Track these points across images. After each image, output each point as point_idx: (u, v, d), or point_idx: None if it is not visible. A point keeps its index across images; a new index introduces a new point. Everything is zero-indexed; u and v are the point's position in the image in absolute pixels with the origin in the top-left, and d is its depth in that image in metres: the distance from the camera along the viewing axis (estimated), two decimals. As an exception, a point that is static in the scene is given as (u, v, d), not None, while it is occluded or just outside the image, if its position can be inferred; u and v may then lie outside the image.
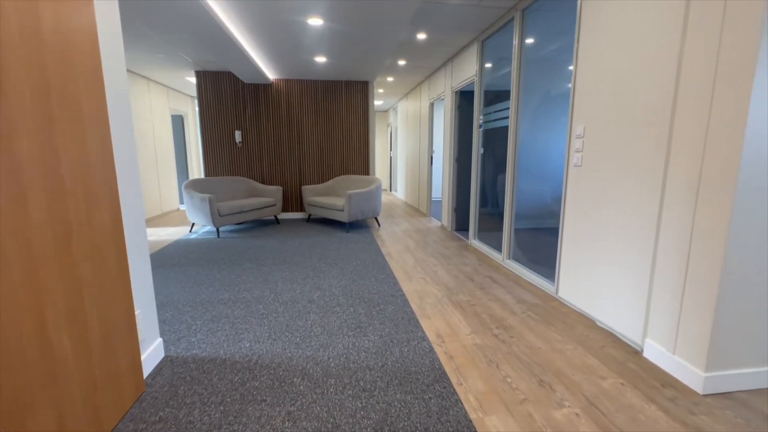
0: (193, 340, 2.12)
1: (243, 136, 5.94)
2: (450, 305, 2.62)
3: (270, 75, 5.61)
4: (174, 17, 3.07)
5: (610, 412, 1.54)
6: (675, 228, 1.78)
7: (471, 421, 1.47)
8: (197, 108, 5.83)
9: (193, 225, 5.31)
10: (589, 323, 2.34)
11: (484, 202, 4.32)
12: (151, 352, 1.83)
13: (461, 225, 5.20)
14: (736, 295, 1.60)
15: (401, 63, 5.24)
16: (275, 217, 5.86)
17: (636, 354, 1.98)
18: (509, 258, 3.53)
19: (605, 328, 2.26)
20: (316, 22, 3.41)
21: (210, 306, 2.60)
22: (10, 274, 0.99)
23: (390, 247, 4.27)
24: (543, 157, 3.45)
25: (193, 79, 6.23)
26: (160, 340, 1.93)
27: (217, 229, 4.88)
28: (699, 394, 1.65)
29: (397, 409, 1.54)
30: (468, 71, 4.41)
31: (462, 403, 1.58)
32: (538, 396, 1.64)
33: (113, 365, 1.44)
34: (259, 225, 5.62)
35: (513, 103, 3.33)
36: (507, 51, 3.52)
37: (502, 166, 3.78)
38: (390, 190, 10.99)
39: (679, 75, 1.74)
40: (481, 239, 4.26)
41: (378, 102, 9.16)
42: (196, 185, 5.09)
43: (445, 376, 1.77)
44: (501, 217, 3.69)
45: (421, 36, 4.05)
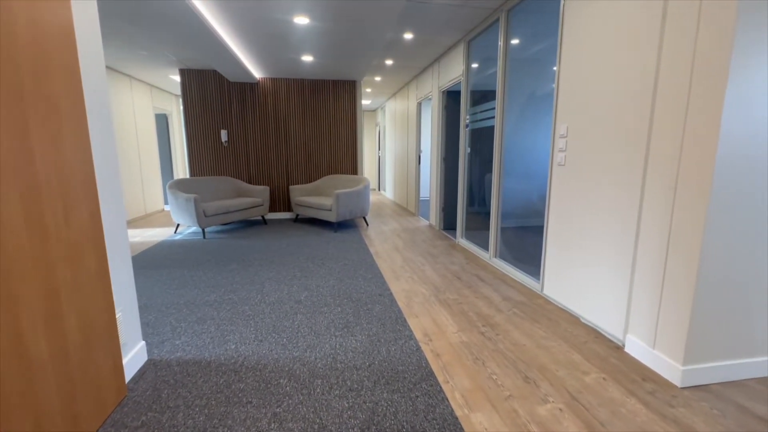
0: (178, 342, 2.09)
1: (229, 135, 5.87)
2: (437, 304, 2.64)
3: (256, 74, 5.55)
4: (156, 14, 3.02)
5: (592, 406, 1.57)
6: (654, 226, 1.83)
7: (457, 419, 1.48)
8: (182, 107, 5.73)
9: (178, 226, 5.22)
10: (573, 320, 2.38)
11: (471, 201, 4.36)
12: (134, 355, 1.79)
13: (449, 224, 5.23)
14: (711, 292, 1.65)
15: (389, 63, 5.25)
16: (262, 218, 5.80)
17: (618, 349, 2.02)
18: (496, 256, 3.57)
19: (589, 324, 2.30)
20: (301, 20, 3.39)
21: (195, 308, 2.56)
22: (-18, 277, 0.96)
23: (378, 247, 4.28)
24: (528, 157, 3.49)
25: (178, 78, 6.12)
26: (142, 343, 1.89)
27: (203, 230, 4.81)
28: (677, 386, 1.69)
29: (384, 408, 1.54)
30: (455, 71, 4.44)
31: (448, 401, 1.59)
32: (522, 392, 1.66)
33: (93, 369, 1.41)
34: (246, 225, 5.56)
35: (499, 103, 3.37)
36: (493, 51, 3.55)
37: (488, 165, 3.82)
38: (378, 189, 11.00)
39: (658, 76, 1.78)
40: (469, 238, 4.30)
41: (366, 101, 9.15)
42: (180, 185, 5.01)
43: (432, 374, 1.79)
44: (488, 216, 3.73)
45: (408, 36, 4.06)
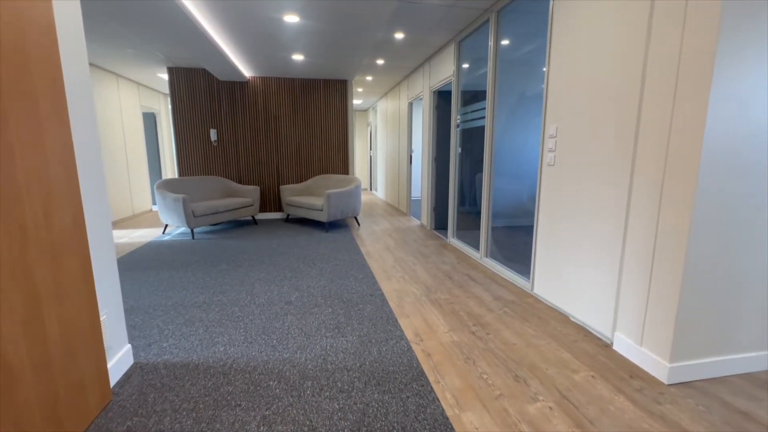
0: (165, 345, 2.05)
1: (218, 134, 5.80)
2: (428, 303, 2.64)
3: (246, 72, 5.49)
4: (143, 10, 2.96)
5: (581, 404, 1.58)
6: (641, 226, 1.85)
7: (448, 419, 1.48)
8: (170, 105, 5.64)
9: (167, 226, 5.15)
10: (563, 318, 2.40)
11: (462, 201, 4.38)
12: (119, 359, 1.76)
13: (440, 224, 5.24)
14: (697, 290, 1.68)
15: (380, 62, 5.24)
16: (253, 218, 5.75)
17: (606, 347, 2.05)
18: (487, 256, 3.58)
19: (578, 323, 2.33)
20: (291, 19, 3.36)
21: (183, 310, 2.52)
22: (-43, 281, 0.93)
23: (369, 247, 4.27)
24: (519, 157, 3.52)
25: (166, 76, 6.03)
26: (128, 346, 1.86)
27: (192, 231, 4.75)
28: (664, 383, 1.72)
29: (375, 410, 1.53)
30: (445, 71, 4.45)
31: (439, 401, 1.59)
32: (513, 391, 1.67)
33: (76, 375, 1.38)
34: (236, 226, 5.50)
35: (489, 104, 3.38)
36: (483, 52, 3.57)
37: (479, 165, 3.83)
38: (370, 189, 10.99)
39: (644, 77, 1.81)
40: (460, 238, 4.31)
41: (357, 101, 9.13)
42: (169, 185, 4.93)
43: (423, 374, 1.78)
44: (479, 216, 3.75)
45: (399, 35, 4.06)
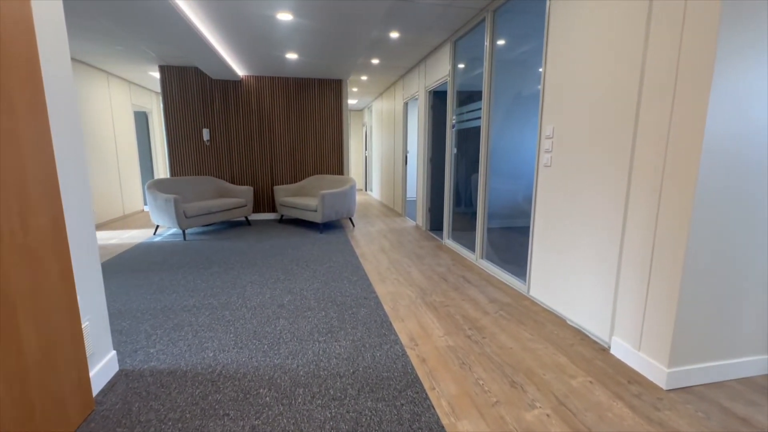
0: (152, 351, 1.99)
1: (211, 134, 5.72)
2: (423, 306, 2.60)
3: (239, 71, 5.42)
4: (132, 7, 2.89)
5: (579, 411, 1.55)
6: (639, 228, 1.82)
7: (443, 427, 1.44)
8: (162, 104, 5.55)
9: (158, 227, 5.06)
10: (559, 321, 2.37)
11: (457, 201, 4.35)
12: (103, 366, 1.69)
13: (435, 225, 5.21)
14: (696, 293, 1.65)
15: (375, 62, 5.19)
16: (246, 218, 5.67)
17: (603, 351, 2.02)
18: (482, 258, 3.55)
19: (574, 326, 2.30)
20: (285, 17, 3.31)
21: (172, 313, 2.46)
22: None
23: (364, 248, 4.22)
24: (515, 157, 3.49)
25: (157, 74, 5.94)
26: (113, 352, 1.79)
27: (183, 232, 4.67)
28: (662, 389, 1.69)
29: (368, 418, 1.49)
30: (441, 71, 4.41)
31: (434, 409, 1.55)
32: (509, 398, 1.63)
33: (55, 385, 1.32)
34: (229, 226, 5.43)
35: (485, 104, 3.35)
36: (479, 52, 3.54)
37: (475, 165, 3.80)
38: (365, 189, 10.93)
39: (643, 78, 1.78)
40: (455, 239, 4.28)
41: (352, 101, 9.07)
42: (160, 185, 4.85)
43: (418, 380, 1.74)
44: (474, 217, 3.72)
45: (394, 35, 4.02)
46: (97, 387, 1.64)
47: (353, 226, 5.55)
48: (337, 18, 3.30)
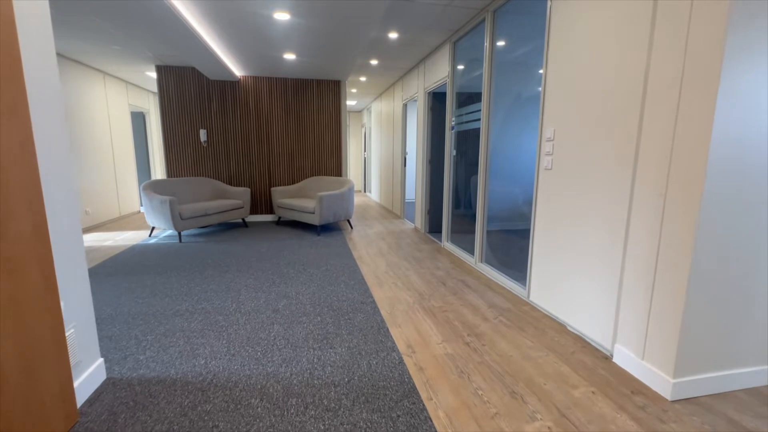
0: (141, 358, 1.93)
1: (208, 134, 5.66)
2: (421, 312, 2.54)
3: (237, 72, 5.37)
4: (128, 6, 2.84)
5: (582, 423, 1.49)
6: (643, 233, 1.77)
7: (440, 441, 1.39)
8: (159, 105, 5.50)
9: (153, 229, 5.00)
10: (560, 328, 2.32)
11: (457, 204, 4.29)
12: (89, 375, 1.64)
13: (434, 227, 5.16)
14: (702, 301, 1.60)
15: (374, 63, 5.15)
16: (243, 220, 5.61)
17: (606, 359, 1.96)
18: (482, 261, 3.50)
19: (575, 332, 2.24)
20: (282, 16, 3.26)
21: (164, 318, 2.40)
22: None
23: (362, 251, 4.16)
24: (515, 160, 3.44)
25: (154, 74, 5.88)
26: (100, 360, 1.73)
27: (179, 234, 4.61)
28: (667, 400, 1.64)
29: (363, 430, 1.43)
30: (440, 72, 4.36)
31: (431, 420, 1.49)
32: (509, 409, 1.58)
33: (35, 396, 1.26)
34: (226, 228, 5.37)
35: (485, 105, 3.30)
36: (479, 52, 3.49)
37: (474, 167, 3.75)
38: (364, 191, 10.88)
39: (647, 79, 1.73)
40: (454, 242, 4.23)
41: (351, 102, 9.03)
42: (156, 187, 4.79)
43: (415, 390, 1.69)
44: (473, 219, 3.66)
45: (393, 35, 3.97)
46: (83, 397, 1.58)
47: (351, 228, 5.49)
48: (336, 18, 3.26)
